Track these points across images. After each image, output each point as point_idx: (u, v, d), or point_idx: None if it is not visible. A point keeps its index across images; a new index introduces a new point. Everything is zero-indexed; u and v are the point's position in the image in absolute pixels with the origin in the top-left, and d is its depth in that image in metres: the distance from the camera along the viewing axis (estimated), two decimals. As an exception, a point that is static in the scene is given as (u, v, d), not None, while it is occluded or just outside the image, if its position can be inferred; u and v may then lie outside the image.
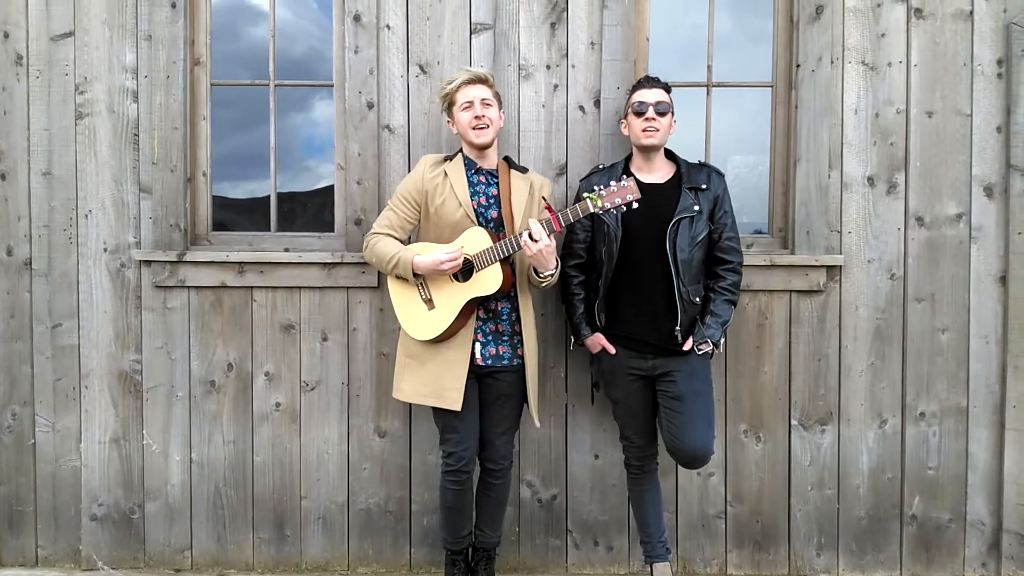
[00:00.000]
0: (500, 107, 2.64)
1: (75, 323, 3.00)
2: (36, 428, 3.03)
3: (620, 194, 2.33)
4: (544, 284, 2.51)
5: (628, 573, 3.03)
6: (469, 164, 2.63)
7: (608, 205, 2.34)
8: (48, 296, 3.00)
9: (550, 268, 2.44)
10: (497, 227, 2.56)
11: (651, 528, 2.78)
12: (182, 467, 3.04)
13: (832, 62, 2.93)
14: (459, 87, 2.56)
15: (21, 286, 3.00)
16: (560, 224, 2.37)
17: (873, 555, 3.01)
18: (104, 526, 3.04)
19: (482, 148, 2.59)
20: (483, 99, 2.55)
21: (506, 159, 2.70)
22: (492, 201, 2.59)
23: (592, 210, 2.34)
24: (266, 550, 3.05)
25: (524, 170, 2.68)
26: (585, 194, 2.39)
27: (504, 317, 2.60)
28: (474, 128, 2.55)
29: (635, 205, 2.36)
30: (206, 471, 3.04)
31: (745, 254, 2.77)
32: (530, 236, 2.35)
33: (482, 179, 2.62)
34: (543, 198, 2.53)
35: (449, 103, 2.60)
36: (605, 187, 2.36)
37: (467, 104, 2.55)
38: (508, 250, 2.42)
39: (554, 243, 2.42)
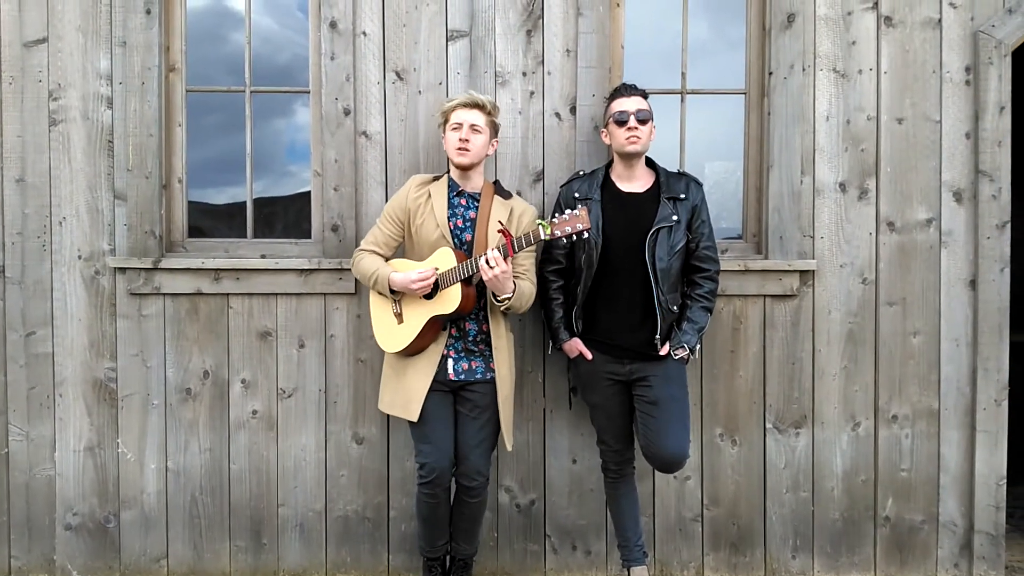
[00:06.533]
0: (494, 136, 2.67)
1: (49, 331, 2.98)
2: (9, 437, 3.00)
3: (571, 223, 2.39)
4: (503, 307, 2.53)
5: (606, 577, 3.05)
6: (453, 186, 2.67)
7: (558, 233, 2.39)
8: (22, 304, 2.98)
9: (507, 292, 2.47)
10: (470, 250, 2.59)
11: (628, 532, 2.79)
12: (158, 475, 3.02)
13: (804, 69, 2.97)
14: (455, 108, 2.60)
15: (-6, 294, 2.98)
16: (514, 249, 2.43)
17: (848, 556, 3.04)
18: (79, 535, 3.01)
19: (462, 169, 2.63)
20: (472, 124, 2.58)
21: (495, 183, 2.72)
22: (468, 224, 2.63)
23: (543, 237, 2.40)
24: (243, 558, 3.03)
25: (508, 195, 2.70)
26: (537, 221, 2.43)
27: (471, 338, 2.63)
28: (457, 150, 2.59)
29: (585, 235, 2.41)
30: (182, 479, 3.02)
31: (720, 260, 2.80)
32: (486, 262, 2.39)
33: (463, 202, 2.65)
34: (499, 222, 2.56)
35: (444, 120, 2.64)
36: (558, 215, 2.43)
37: (456, 125, 2.59)
38: (468, 272, 2.47)
39: (511, 268, 2.45)
